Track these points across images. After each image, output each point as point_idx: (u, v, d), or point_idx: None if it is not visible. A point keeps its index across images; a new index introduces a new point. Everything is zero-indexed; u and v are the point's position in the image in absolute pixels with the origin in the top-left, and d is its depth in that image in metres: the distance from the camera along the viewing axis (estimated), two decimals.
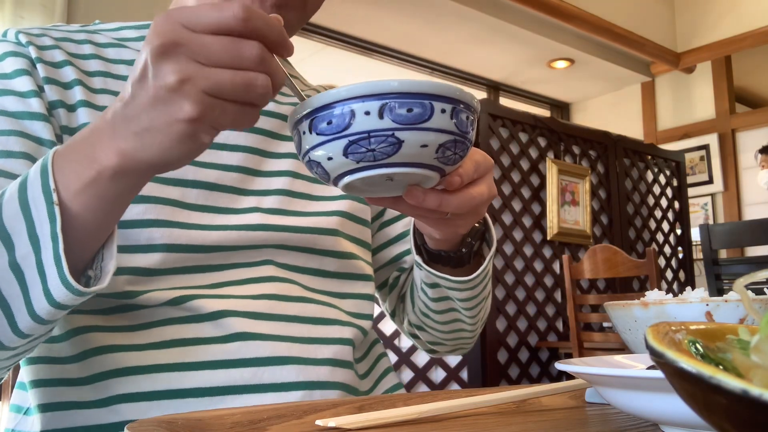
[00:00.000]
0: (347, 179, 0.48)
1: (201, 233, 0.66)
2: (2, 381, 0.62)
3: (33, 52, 0.68)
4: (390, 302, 0.88)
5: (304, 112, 0.47)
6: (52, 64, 0.68)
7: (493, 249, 0.69)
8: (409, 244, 0.84)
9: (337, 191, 0.76)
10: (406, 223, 0.86)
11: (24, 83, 0.66)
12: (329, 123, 0.46)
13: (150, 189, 0.65)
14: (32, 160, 0.63)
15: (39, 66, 0.67)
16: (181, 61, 0.43)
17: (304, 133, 0.48)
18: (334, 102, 0.46)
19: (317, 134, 0.47)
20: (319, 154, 0.48)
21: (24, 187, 0.50)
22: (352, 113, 0.45)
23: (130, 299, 0.63)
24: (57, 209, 0.48)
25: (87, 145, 0.48)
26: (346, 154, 0.46)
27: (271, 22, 0.44)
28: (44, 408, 0.63)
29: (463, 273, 0.69)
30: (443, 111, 0.46)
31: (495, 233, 0.69)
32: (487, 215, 0.68)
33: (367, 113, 0.45)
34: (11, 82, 0.66)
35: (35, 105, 0.65)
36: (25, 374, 0.66)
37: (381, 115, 0.45)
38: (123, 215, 0.54)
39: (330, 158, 0.47)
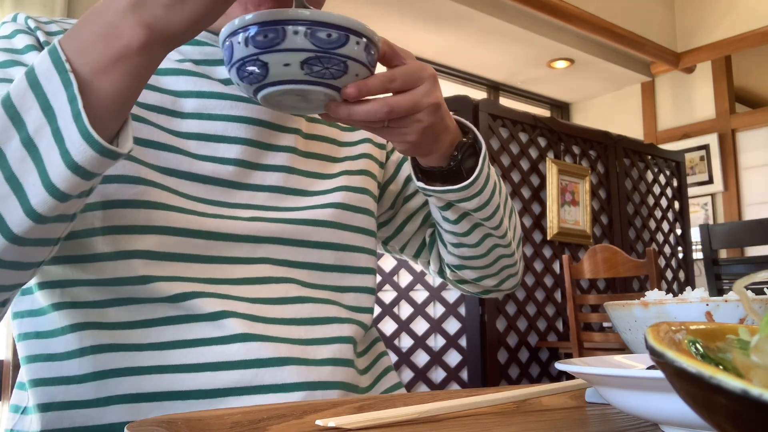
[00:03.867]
0: (258, 97, 0.58)
1: (197, 218, 0.66)
2: (5, 311, 0.59)
3: (41, 36, 0.68)
4: (434, 261, 0.90)
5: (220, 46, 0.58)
6: None
7: (483, 151, 0.71)
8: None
9: (331, 184, 0.77)
10: (409, 172, 0.87)
11: (35, 58, 0.66)
12: (225, 55, 0.57)
13: (147, 174, 0.65)
14: None
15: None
16: None
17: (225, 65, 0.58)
18: (224, 37, 0.56)
19: (225, 65, 0.58)
20: (233, 80, 0.58)
21: (31, 69, 0.50)
22: (232, 45, 0.56)
23: (134, 286, 0.63)
24: (72, 75, 0.48)
25: (103, 23, 0.49)
26: (240, 78, 0.57)
27: None
28: (43, 407, 0.63)
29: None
30: (296, 32, 0.54)
31: (483, 140, 0.72)
32: (473, 127, 0.72)
33: (238, 43, 0.55)
34: (22, 57, 0.66)
35: None
36: (24, 373, 0.66)
37: (246, 44, 0.54)
38: (120, 195, 0.55)
39: (237, 84, 0.58)
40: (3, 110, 0.50)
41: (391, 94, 0.61)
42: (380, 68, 0.63)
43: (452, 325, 2.93)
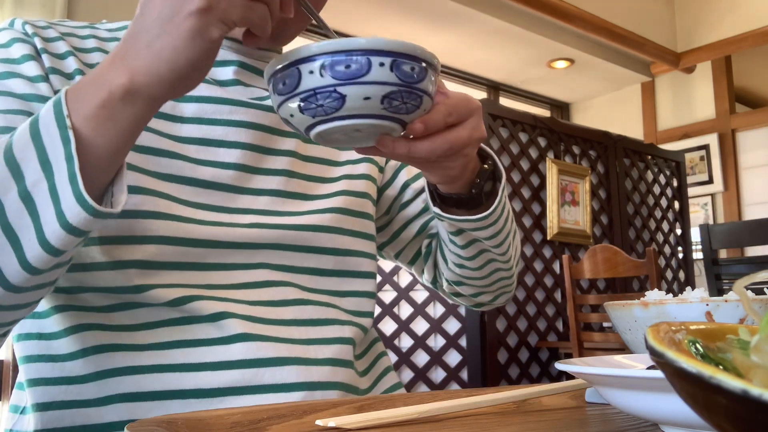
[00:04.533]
0: (313, 132, 0.53)
1: (196, 227, 0.66)
2: (5, 339, 0.60)
3: (38, 43, 0.68)
4: (428, 271, 0.89)
5: (269, 74, 0.52)
6: (56, 55, 0.68)
7: (503, 181, 0.70)
8: (431, 214, 0.85)
9: (332, 188, 0.76)
10: (426, 198, 0.86)
11: (32, 68, 0.66)
12: (284, 83, 0.51)
13: (146, 182, 0.65)
14: None
15: (44, 56, 0.67)
16: None
17: (271, 93, 0.53)
18: (286, 64, 0.51)
19: (278, 94, 0.52)
20: (283, 112, 0.53)
21: (35, 120, 0.51)
22: (299, 73, 0.50)
23: (132, 294, 0.63)
24: (71, 132, 0.48)
25: (98, 72, 0.50)
26: (301, 110, 0.51)
27: None
28: (43, 407, 0.63)
29: (480, 212, 0.69)
30: (381, 64, 0.49)
31: (502, 167, 0.70)
32: (492, 153, 0.70)
33: (311, 72, 0.50)
34: (19, 67, 0.66)
35: (44, 89, 0.65)
36: (24, 373, 0.66)
37: (322, 74, 0.49)
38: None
39: (292, 115, 0.53)
40: (4, 161, 0.50)
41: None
42: None
43: (452, 325, 2.93)
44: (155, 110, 0.52)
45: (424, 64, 0.52)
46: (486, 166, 0.69)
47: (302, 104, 0.51)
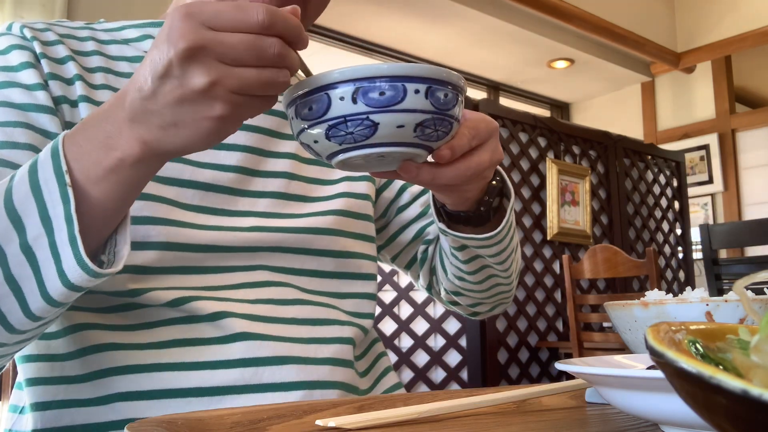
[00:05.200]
0: (336, 159, 0.51)
1: (196, 232, 0.66)
2: (2, 370, 0.61)
3: (37, 48, 0.67)
4: (423, 277, 0.89)
5: (290, 98, 0.50)
6: (55, 60, 0.68)
7: (512, 200, 0.69)
8: (428, 219, 0.85)
9: (332, 190, 0.76)
10: (423, 202, 0.86)
11: (30, 76, 0.66)
12: (310, 109, 0.48)
13: (147, 187, 0.65)
14: (37, 152, 0.63)
15: (43, 62, 0.67)
16: (208, 63, 0.44)
17: (292, 118, 0.51)
18: (313, 89, 0.48)
19: (302, 119, 0.49)
20: (306, 137, 0.50)
21: (34, 169, 0.50)
22: (329, 99, 0.47)
23: (129, 298, 0.63)
24: (70, 190, 0.48)
25: (102, 132, 0.49)
26: (328, 137, 0.49)
27: (291, 21, 0.46)
28: (42, 406, 0.63)
29: (486, 230, 0.68)
30: (417, 92, 0.47)
31: (510, 185, 0.69)
32: (501, 170, 0.68)
33: (342, 99, 0.47)
34: (17, 75, 0.65)
35: (42, 98, 0.65)
36: (22, 372, 0.66)
37: (355, 100, 0.47)
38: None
39: (316, 141, 0.50)
40: (5, 210, 0.50)
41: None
42: None
43: (452, 325, 2.93)
44: (162, 165, 0.52)
45: (455, 90, 0.50)
46: (494, 182, 0.67)
47: (330, 131, 0.48)
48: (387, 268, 2.95)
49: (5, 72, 0.66)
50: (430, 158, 0.55)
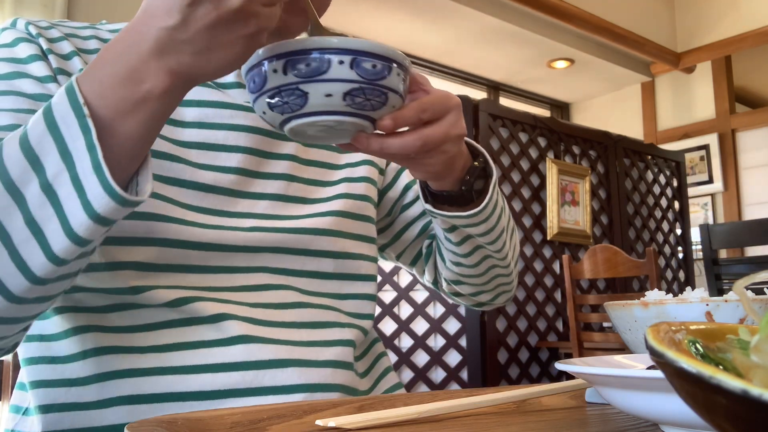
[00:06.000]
0: (286, 129, 0.55)
1: (197, 230, 0.66)
2: (15, 346, 0.59)
3: (44, 44, 0.67)
4: (429, 272, 0.89)
5: (243, 73, 0.54)
6: (62, 56, 0.68)
7: (495, 177, 0.70)
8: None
9: (331, 192, 0.76)
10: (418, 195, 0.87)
11: (40, 68, 0.65)
12: (254, 82, 0.54)
13: None
14: None
15: (50, 57, 0.67)
16: None
17: (247, 91, 0.55)
18: (254, 64, 0.53)
19: (251, 92, 0.55)
20: (257, 109, 0.55)
21: (48, 109, 0.50)
22: (265, 72, 0.52)
23: (131, 296, 0.63)
24: (90, 121, 0.48)
25: (124, 67, 0.49)
26: (271, 107, 0.54)
27: None
28: (45, 409, 0.63)
29: (471, 208, 0.69)
30: (341, 62, 0.51)
31: (494, 165, 0.71)
32: (484, 151, 0.70)
33: (275, 71, 0.52)
34: (27, 67, 0.65)
35: (54, 89, 0.64)
36: (25, 375, 0.66)
37: (285, 72, 0.51)
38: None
39: (264, 112, 0.55)
40: (22, 152, 0.49)
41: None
42: None
43: (452, 325, 2.93)
44: (185, 94, 0.53)
45: (387, 63, 0.53)
46: (477, 163, 0.69)
47: (270, 101, 0.53)
48: (387, 268, 2.95)
49: (14, 63, 0.65)
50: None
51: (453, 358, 2.92)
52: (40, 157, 0.49)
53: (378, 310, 2.95)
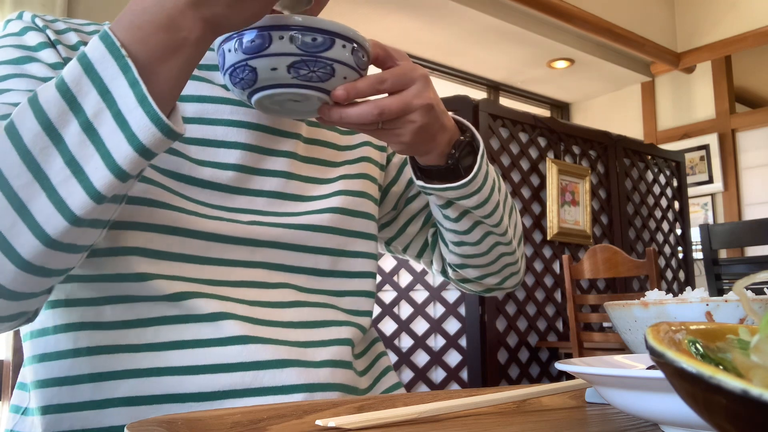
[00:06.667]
0: (252, 102, 0.60)
1: (199, 219, 0.66)
2: (36, 313, 0.60)
3: (51, 35, 0.68)
4: (436, 261, 0.91)
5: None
6: (69, 47, 0.68)
7: (482, 149, 0.72)
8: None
9: (329, 189, 0.76)
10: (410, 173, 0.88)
11: (50, 55, 0.66)
12: (219, 62, 0.60)
13: (150, 173, 0.65)
14: None
15: (59, 47, 0.67)
16: None
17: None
18: (218, 45, 0.59)
19: (220, 71, 0.61)
20: (227, 86, 0.61)
21: (83, 55, 0.51)
22: (224, 52, 0.58)
23: (134, 283, 0.63)
24: (129, 60, 0.50)
25: (163, 15, 0.51)
26: (233, 84, 0.59)
27: None
28: (44, 410, 0.63)
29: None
30: (281, 38, 0.56)
31: (480, 138, 0.73)
32: (470, 125, 0.73)
33: (229, 50, 0.58)
34: (37, 54, 0.66)
35: None
36: (26, 374, 0.66)
37: (236, 50, 0.57)
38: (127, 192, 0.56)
39: (232, 89, 0.60)
40: (60, 95, 0.51)
41: (385, 95, 0.62)
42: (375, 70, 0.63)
43: (452, 325, 2.93)
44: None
45: (329, 36, 0.57)
46: (463, 137, 0.71)
47: (231, 78, 0.59)
48: (387, 267, 2.95)
49: (23, 49, 0.66)
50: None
51: (453, 358, 2.92)
52: (78, 98, 0.50)
53: (378, 310, 2.95)
